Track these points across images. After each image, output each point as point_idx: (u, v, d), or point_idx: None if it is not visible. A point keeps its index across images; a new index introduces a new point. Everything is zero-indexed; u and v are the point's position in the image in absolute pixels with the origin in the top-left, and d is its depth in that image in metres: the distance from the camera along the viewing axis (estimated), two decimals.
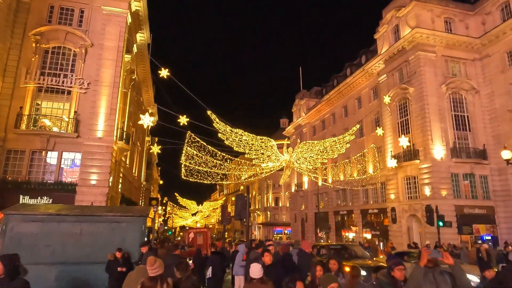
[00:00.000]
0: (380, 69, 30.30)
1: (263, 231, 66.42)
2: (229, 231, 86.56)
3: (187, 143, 18.00)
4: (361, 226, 32.84)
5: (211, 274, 7.85)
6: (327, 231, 38.21)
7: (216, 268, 7.98)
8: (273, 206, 65.46)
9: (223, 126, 18.23)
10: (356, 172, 31.47)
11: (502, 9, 25.64)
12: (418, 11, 26.50)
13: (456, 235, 22.54)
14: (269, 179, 64.46)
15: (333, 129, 37.93)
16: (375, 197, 31.44)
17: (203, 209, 67.19)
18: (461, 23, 27.33)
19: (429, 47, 25.89)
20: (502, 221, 23.99)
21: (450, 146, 24.62)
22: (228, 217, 12.48)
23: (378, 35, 30.68)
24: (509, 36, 24.63)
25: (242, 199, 9.58)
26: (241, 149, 19.37)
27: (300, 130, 47.72)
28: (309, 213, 43.89)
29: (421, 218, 24.18)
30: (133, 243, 7.32)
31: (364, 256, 13.04)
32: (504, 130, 24.51)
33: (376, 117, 31.28)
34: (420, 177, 24.75)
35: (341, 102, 38.35)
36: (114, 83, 19.82)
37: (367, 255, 13.47)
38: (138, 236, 7.67)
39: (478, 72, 26.58)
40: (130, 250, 7.24)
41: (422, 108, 25.08)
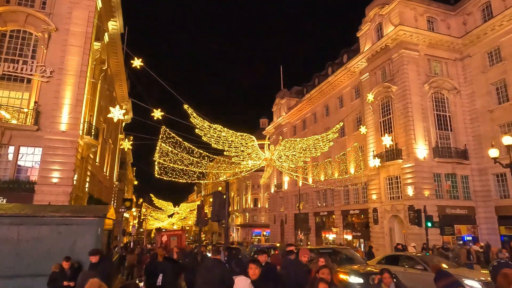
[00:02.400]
0: (362, 68, 29.85)
1: (241, 233, 65.14)
2: (206, 233, 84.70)
3: (161, 139, 16.59)
4: (342, 227, 32.25)
5: (160, 282, 6.57)
6: (307, 233, 37.44)
7: (167, 276, 6.71)
8: (252, 207, 64.34)
9: (201, 121, 16.91)
10: (337, 172, 30.88)
11: (483, 9, 25.69)
12: (402, 9, 26.17)
13: (439, 236, 22.09)
14: (248, 180, 63.36)
15: (314, 129, 37.25)
16: (356, 197, 30.92)
17: (179, 211, 65.10)
18: (443, 23, 27.24)
19: (412, 46, 25.58)
20: (483, 222, 23.89)
21: (433, 146, 24.34)
22: (204, 218, 11.21)
23: (361, 33, 30.23)
24: (489, 37, 24.66)
25: (220, 197, 8.37)
26: (220, 146, 18.11)
27: (281, 130, 46.91)
28: (289, 214, 43.05)
29: (404, 218, 23.73)
30: (86, 250, 5.95)
31: (357, 260, 11.96)
32: (485, 130, 24.47)
33: (358, 116, 30.81)
34: (402, 177, 24.31)
35: (322, 101, 37.79)
36: (81, 72, 18.10)
37: (360, 259, 12.28)
38: (93, 241, 6.30)
39: (460, 72, 26.54)
40: (82, 259, 5.90)
41: (405, 107, 24.69)
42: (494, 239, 22.53)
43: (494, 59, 24.52)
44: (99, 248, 5.72)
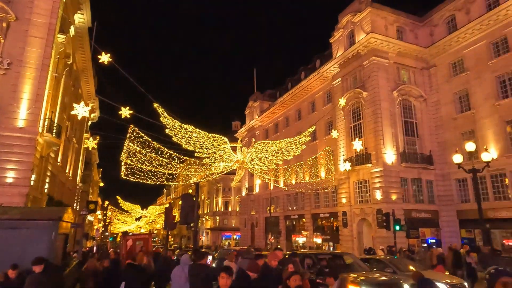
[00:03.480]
0: (334, 73, 30.33)
1: (211, 237, 64.18)
2: (175, 237, 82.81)
3: (129, 139, 15.85)
4: (312, 230, 32.47)
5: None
6: (277, 236, 37.43)
7: (131, 284, 6.22)
8: (223, 210, 63.66)
9: (172, 121, 16.32)
10: (308, 175, 31.10)
11: (448, 22, 26.90)
12: (373, 18, 26.87)
13: (405, 239, 22.72)
14: (220, 183, 62.65)
15: (287, 133, 37.40)
16: (326, 201, 31.25)
17: (147, 214, 63.18)
18: (411, 33, 28.25)
19: (383, 53, 26.31)
20: (445, 225, 24.83)
21: (400, 151, 25.06)
22: (172, 222, 10.69)
23: (334, 39, 30.75)
24: (454, 48, 25.83)
25: (189, 200, 7.95)
26: (191, 147, 17.58)
27: (253, 133, 46.76)
28: (260, 217, 42.89)
29: (372, 222, 24.18)
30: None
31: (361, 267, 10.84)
32: (448, 137, 25.52)
33: (330, 121, 31.24)
34: (371, 181, 24.82)
35: (295, 105, 38.06)
36: (43, 65, 16.96)
37: (363, 265, 11.09)
38: (46, 247, 5.70)
39: (426, 81, 27.59)
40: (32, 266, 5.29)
41: (375, 112, 25.28)
42: (456, 241, 23.41)
43: (457, 70, 25.69)
44: (43, 257, 5.08)
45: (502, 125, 22.22)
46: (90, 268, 7.12)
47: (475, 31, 24.10)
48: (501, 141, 22.05)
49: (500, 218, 21.40)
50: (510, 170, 21.40)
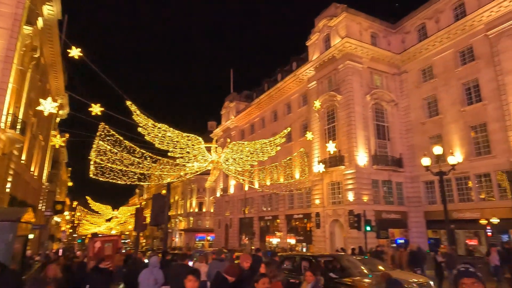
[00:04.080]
0: (310, 76, 30.73)
1: (184, 238, 63.25)
2: (147, 238, 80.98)
3: (99, 137, 15.29)
4: (286, 231, 32.68)
5: None
6: (251, 237, 37.40)
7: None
8: (197, 211, 62.93)
9: (145, 120, 15.89)
10: (283, 177, 31.27)
11: (419, 30, 27.92)
12: (349, 23, 27.45)
13: (375, 239, 23.27)
14: (194, 183, 61.91)
15: (262, 133, 37.47)
16: (300, 202, 31.55)
17: (119, 215, 61.37)
18: (384, 39, 29.10)
19: (357, 58, 26.92)
20: (413, 226, 25.70)
21: (372, 154, 25.70)
22: (142, 223, 10.38)
23: (310, 42, 31.15)
24: (424, 55, 26.84)
25: (160, 200, 7.74)
26: (164, 146, 17.19)
27: (229, 133, 46.55)
28: (234, 218, 42.71)
29: (344, 223, 24.64)
30: None
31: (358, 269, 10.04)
32: (417, 141, 26.47)
33: (305, 123, 31.59)
34: (344, 182, 25.29)
35: (271, 107, 38.25)
36: (6, 57, 16.04)
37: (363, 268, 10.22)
38: (2, 249, 5.33)
39: (397, 86, 28.49)
40: None
41: (348, 115, 25.80)
42: (423, 242, 24.31)
43: (427, 76, 26.71)
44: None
45: (467, 130, 23.30)
46: (50, 274, 6.71)
47: (444, 39, 25.16)
48: (465, 146, 23.11)
49: (464, 219, 22.42)
50: (474, 173, 22.47)
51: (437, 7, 26.25)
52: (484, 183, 22.13)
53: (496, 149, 21.41)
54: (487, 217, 21.00)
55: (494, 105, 21.75)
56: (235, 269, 5.24)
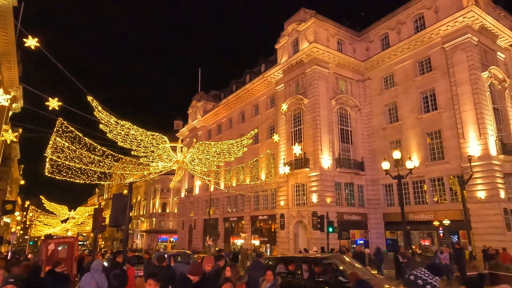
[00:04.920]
0: (278, 78, 31.07)
1: (146, 239, 61.46)
2: (106, 240, 77.77)
3: (56, 132, 14.46)
4: (250, 232, 32.74)
5: None
6: (216, 238, 37.10)
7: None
8: (160, 212, 61.39)
9: (107, 116, 15.22)
10: (249, 178, 31.33)
11: (382, 39, 29.17)
12: (317, 28, 28.10)
13: (337, 240, 23.92)
14: (158, 183, 60.40)
15: (229, 134, 37.35)
16: (265, 203, 31.77)
17: (76, 215, 58.38)
18: (350, 46, 30.08)
19: (324, 63, 27.61)
20: (373, 227, 26.73)
21: (336, 157, 26.44)
22: (101, 224, 9.92)
23: (279, 45, 31.52)
24: (386, 64, 28.06)
25: (121, 200, 7.44)
26: (127, 144, 16.58)
27: (195, 133, 45.92)
28: (198, 219, 42.17)
29: (308, 224, 25.11)
30: None
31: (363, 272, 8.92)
32: (378, 145, 27.60)
33: (272, 125, 31.88)
34: (309, 184, 25.79)
35: (239, 108, 38.23)
36: None
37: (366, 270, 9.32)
38: None
39: (361, 92, 29.55)
40: None
41: (314, 119, 26.37)
42: (381, 242, 25.37)
43: (388, 84, 27.95)
44: None
45: (423, 136, 24.64)
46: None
47: (404, 49, 26.46)
48: (422, 151, 24.43)
49: (419, 221, 23.68)
50: (429, 177, 23.80)
51: (399, 18, 27.57)
52: (437, 187, 23.50)
53: (449, 155, 22.82)
54: (439, 218, 22.31)
55: (448, 114, 23.19)
56: (198, 268, 5.19)
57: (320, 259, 9.12)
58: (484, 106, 21.77)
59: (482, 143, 21.09)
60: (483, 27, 23.61)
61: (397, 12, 27.89)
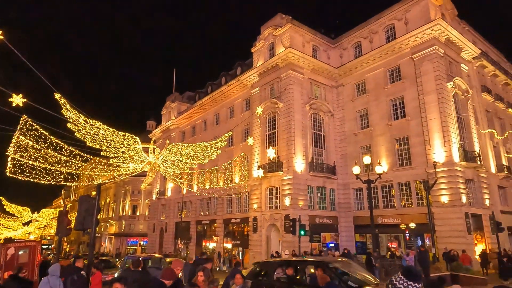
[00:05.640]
0: (254, 82, 31.20)
1: (114, 243, 59.58)
2: (72, 244, 74.68)
3: (19, 130, 13.77)
4: (223, 235, 32.53)
5: None
6: (187, 242, 36.58)
7: None
8: (130, 214, 59.77)
9: (76, 115, 14.69)
10: (222, 180, 31.18)
11: (355, 47, 30.02)
12: (292, 34, 28.51)
13: (308, 243, 24.24)
14: (128, 185, 58.84)
15: (204, 136, 37.03)
16: (239, 206, 31.69)
17: (39, 218, 55.64)
18: (324, 53, 30.74)
19: (299, 68, 28.03)
20: (343, 230, 27.31)
21: (309, 161, 26.83)
22: (66, 227, 9.52)
23: (255, 49, 31.68)
24: (358, 71, 28.89)
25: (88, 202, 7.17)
26: (96, 145, 16.05)
27: (169, 134, 45.17)
28: (170, 222, 41.40)
29: (280, 227, 25.28)
30: None
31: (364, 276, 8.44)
32: (350, 150, 28.30)
33: (247, 128, 31.92)
34: (282, 188, 25.99)
35: (214, 110, 38.02)
36: None
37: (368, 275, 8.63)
38: None
39: (334, 98, 30.23)
40: None
41: (288, 123, 26.67)
42: (351, 245, 25.97)
43: (360, 91, 28.78)
44: None
45: (392, 142, 25.54)
46: None
47: (376, 58, 27.37)
48: (391, 156, 25.29)
49: (387, 224, 24.45)
50: (397, 182, 24.67)
51: (371, 28, 28.51)
52: (405, 191, 24.40)
53: (416, 160, 23.77)
54: (406, 222, 23.14)
55: (416, 121, 24.17)
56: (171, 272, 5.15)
57: (326, 263, 8.45)
58: (448, 115, 22.87)
59: (446, 150, 22.13)
60: (448, 40, 24.86)
61: (370, 21, 28.83)
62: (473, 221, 21.78)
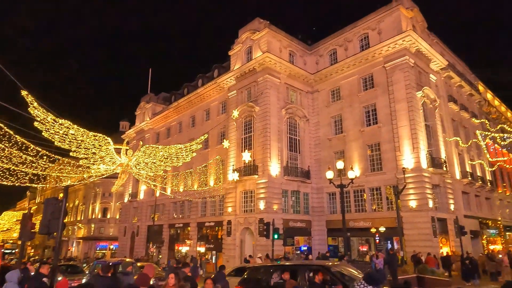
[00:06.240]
0: (231, 85, 31.18)
1: (83, 247, 57.44)
2: (36, 248, 71.38)
3: None
4: (196, 239, 32.14)
5: None
6: (160, 245, 35.84)
7: None
8: (100, 217, 57.87)
9: (43, 113, 14.14)
10: (197, 183, 30.84)
11: (331, 54, 30.70)
12: (270, 39, 28.79)
13: (282, 247, 24.44)
14: (99, 187, 57.04)
15: (179, 138, 36.57)
16: (213, 209, 31.45)
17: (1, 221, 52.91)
18: (301, 59, 31.23)
19: (276, 73, 28.31)
20: (316, 234, 27.69)
21: (284, 165, 27.07)
22: (30, 231, 9.09)
23: (233, 52, 31.71)
24: (333, 78, 29.55)
25: (54, 205, 6.88)
26: (65, 145, 15.51)
27: (143, 136, 44.22)
28: (142, 226, 40.45)
29: (254, 231, 25.29)
30: None
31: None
32: (324, 155, 28.82)
33: (222, 131, 31.81)
34: (257, 191, 26.05)
35: (190, 112, 37.64)
36: None
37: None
38: None
39: (310, 103, 30.73)
40: None
41: (264, 127, 26.83)
42: (323, 248, 26.37)
43: (335, 97, 29.42)
44: None
45: (364, 148, 26.25)
46: None
47: (350, 66, 28.11)
48: (363, 162, 25.98)
49: (359, 228, 25.05)
50: (368, 187, 25.35)
51: (346, 36, 29.28)
52: (376, 196, 25.10)
53: (387, 166, 24.54)
54: (376, 226, 23.81)
55: (387, 128, 24.99)
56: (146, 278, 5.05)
57: (328, 267, 8.28)
58: (417, 122, 23.81)
59: (415, 156, 23.01)
60: (418, 51, 25.93)
61: (345, 30, 29.60)
62: (438, 225, 22.72)
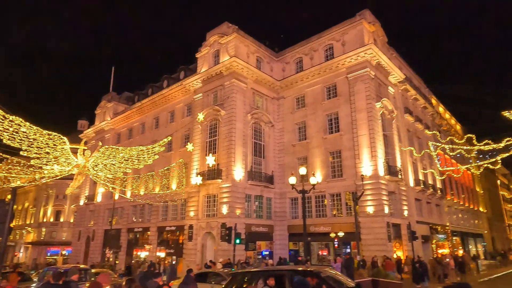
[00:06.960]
0: (197, 87, 30.87)
1: (32, 252, 53.79)
2: None
3: None
4: (156, 244, 31.25)
5: None
6: (117, 251, 34.46)
7: None
8: (52, 221, 54.60)
9: None
10: (158, 187, 30.04)
11: (297, 62, 31.40)
12: (238, 44, 28.91)
13: (243, 252, 24.40)
14: (52, 189, 53.88)
15: (141, 140, 35.51)
16: (174, 214, 30.80)
17: None
18: (268, 65, 31.64)
19: (243, 78, 28.44)
20: (278, 238, 27.98)
21: (248, 170, 27.17)
22: None
23: (200, 54, 31.46)
24: (299, 85, 30.21)
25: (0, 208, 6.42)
26: (15, 143, 14.49)
27: (102, 136, 42.43)
28: (98, 230, 38.67)
29: (216, 235, 25.07)
30: None
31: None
32: (288, 161, 29.29)
33: (187, 133, 31.35)
34: (220, 196, 25.89)
35: (153, 113, 36.73)
36: None
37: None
38: None
39: (275, 109, 31.17)
40: None
41: (230, 131, 26.80)
42: (284, 253, 26.70)
43: (300, 104, 30.07)
44: None
45: (326, 155, 27.02)
46: None
47: (315, 74, 28.92)
48: (325, 168, 26.71)
49: (319, 232, 25.66)
50: (329, 193, 26.09)
51: (312, 46, 30.12)
52: (336, 202, 25.89)
53: (347, 173, 25.42)
54: (336, 231, 24.52)
55: (348, 136, 25.93)
56: (100, 286, 4.82)
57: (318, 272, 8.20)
58: (376, 132, 24.94)
59: (373, 164, 24.05)
60: (379, 64, 27.25)
61: (311, 39, 30.43)
62: (393, 230, 23.85)
